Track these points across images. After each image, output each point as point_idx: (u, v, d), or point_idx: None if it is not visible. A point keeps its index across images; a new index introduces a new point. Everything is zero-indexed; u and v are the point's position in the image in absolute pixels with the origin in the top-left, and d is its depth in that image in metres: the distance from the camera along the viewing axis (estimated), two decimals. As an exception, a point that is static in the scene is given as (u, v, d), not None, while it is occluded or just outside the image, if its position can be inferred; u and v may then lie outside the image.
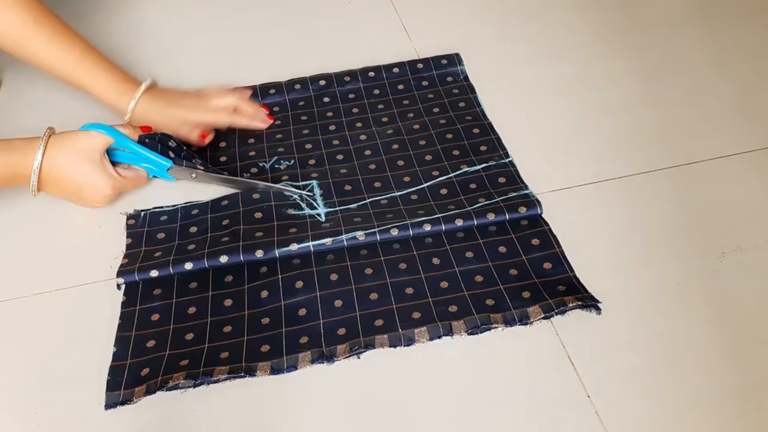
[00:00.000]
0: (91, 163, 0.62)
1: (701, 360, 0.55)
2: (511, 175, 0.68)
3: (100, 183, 0.63)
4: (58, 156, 0.61)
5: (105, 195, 0.65)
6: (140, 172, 0.67)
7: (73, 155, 0.62)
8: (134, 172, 0.67)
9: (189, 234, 0.65)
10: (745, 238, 0.62)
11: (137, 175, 0.67)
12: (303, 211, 0.66)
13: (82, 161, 0.62)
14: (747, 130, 0.72)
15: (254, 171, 0.71)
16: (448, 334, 0.56)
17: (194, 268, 0.61)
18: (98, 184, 0.63)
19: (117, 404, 0.53)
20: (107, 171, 0.64)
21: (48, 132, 0.62)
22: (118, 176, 0.65)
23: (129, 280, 0.61)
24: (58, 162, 0.61)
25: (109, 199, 0.66)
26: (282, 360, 0.55)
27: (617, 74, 0.80)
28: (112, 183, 0.64)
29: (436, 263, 0.61)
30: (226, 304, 0.59)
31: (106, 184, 0.64)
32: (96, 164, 0.63)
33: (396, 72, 0.81)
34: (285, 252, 0.61)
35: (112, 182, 0.64)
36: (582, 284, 0.59)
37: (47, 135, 0.62)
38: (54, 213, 0.69)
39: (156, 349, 0.57)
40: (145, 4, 0.94)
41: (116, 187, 0.65)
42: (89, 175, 0.63)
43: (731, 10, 0.87)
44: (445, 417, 0.52)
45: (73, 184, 0.63)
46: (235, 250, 0.61)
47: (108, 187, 0.64)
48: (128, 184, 0.66)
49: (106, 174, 0.64)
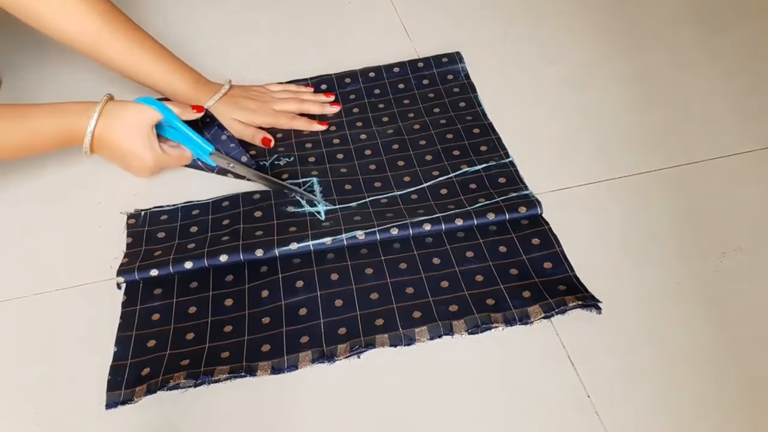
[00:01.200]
0: (138, 135, 0.64)
1: (701, 360, 0.55)
2: (512, 176, 0.68)
3: (144, 155, 0.65)
4: (110, 123, 0.63)
5: (147, 167, 0.66)
6: (185, 152, 0.68)
7: (123, 124, 0.64)
8: (178, 151, 0.68)
9: (189, 233, 0.65)
10: (745, 238, 0.62)
11: (181, 154, 0.68)
12: (303, 208, 0.66)
13: (131, 132, 0.64)
14: (747, 130, 0.72)
15: (254, 170, 0.72)
16: (449, 333, 0.56)
17: (194, 267, 0.61)
18: (142, 155, 0.65)
19: (117, 404, 0.53)
20: (152, 145, 0.65)
21: (105, 98, 0.64)
22: (161, 152, 0.66)
23: (129, 279, 0.61)
24: (110, 128, 0.63)
25: (150, 171, 0.68)
26: (282, 360, 0.55)
27: (617, 74, 0.80)
28: (154, 157, 0.66)
29: (437, 263, 0.61)
30: (226, 304, 0.59)
31: (149, 157, 0.65)
32: (143, 137, 0.64)
33: (396, 72, 0.81)
34: (285, 251, 0.61)
35: (155, 157, 0.66)
36: (582, 284, 0.59)
37: (104, 101, 0.64)
38: (54, 213, 0.69)
39: (156, 348, 0.57)
40: (145, 5, 0.94)
41: (158, 162, 0.67)
42: (135, 146, 0.64)
43: (731, 11, 0.87)
44: (445, 417, 0.52)
45: (120, 151, 0.65)
46: (235, 249, 0.62)
47: (150, 160, 0.66)
48: (171, 161, 0.68)
49: (151, 148, 0.65)
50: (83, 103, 0.64)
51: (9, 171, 0.74)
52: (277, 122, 0.76)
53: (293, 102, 0.77)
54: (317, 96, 0.79)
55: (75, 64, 0.83)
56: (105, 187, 0.71)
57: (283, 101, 0.77)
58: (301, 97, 0.78)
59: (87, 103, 0.64)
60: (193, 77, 0.73)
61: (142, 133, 0.64)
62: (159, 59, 0.71)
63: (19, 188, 0.72)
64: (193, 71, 0.74)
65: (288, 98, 0.77)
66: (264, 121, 0.75)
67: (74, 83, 0.82)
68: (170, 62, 0.72)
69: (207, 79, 0.75)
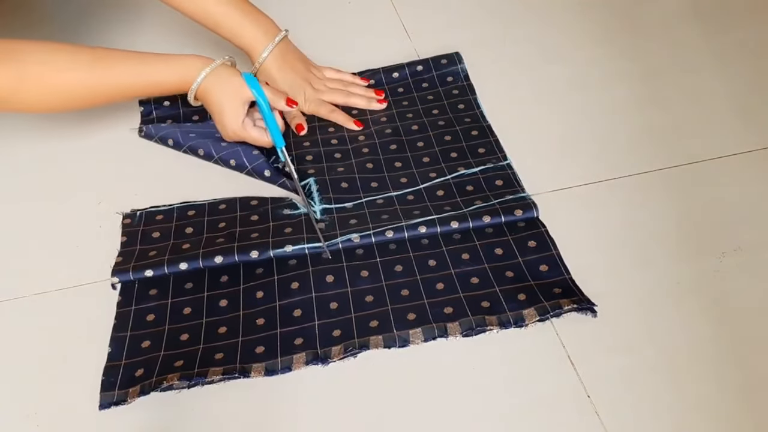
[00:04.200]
0: (232, 104, 0.69)
1: (701, 360, 0.54)
2: (509, 178, 0.68)
3: (230, 122, 0.69)
4: (215, 83, 0.68)
5: (232, 131, 0.70)
6: (265, 136, 0.70)
7: (223, 89, 0.69)
8: (260, 133, 0.71)
9: (184, 234, 0.65)
10: (745, 238, 0.62)
11: (260, 136, 0.71)
12: (299, 210, 0.66)
13: (227, 99, 0.69)
14: (747, 130, 0.72)
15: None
16: (443, 335, 0.56)
17: (189, 268, 0.61)
18: (228, 122, 0.70)
19: (111, 405, 0.53)
20: (238, 117, 0.69)
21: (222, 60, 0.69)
22: (244, 127, 0.70)
23: (123, 279, 0.61)
24: (213, 87, 0.69)
25: (232, 137, 0.71)
26: (276, 361, 0.55)
27: (617, 74, 0.80)
28: (237, 128, 0.70)
29: (432, 265, 0.61)
30: (221, 305, 0.59)
31: (233, 125, 0.70)
32: (235, 107, 0.69)
33: (395, 74, 0.81)
34: (280, 253, 0.61)
35: (238, 128, 0.70)
36: (578, 287, 0.59)
37: (220, 63, 0.69)
38: (54, 213, 0.69)
39: (151, 349, 0.57)
40: (144, 2, 0.94)
41: (239, 133, 0.70)
42: (227, 111, 0.69)
43: (731, 10, 0.87)
44: (445, 417, 0.52)
45: (215, 108, 0.70)
46: (230, 250, 0.61)
47: (236, 126, 0.70)
48: (251, 137, 0.71)
49: (236, 119, 0.69)
50: (201, 58, 0.69)
51: (9, 171, 0.74)
52: (318, 111, 0.77)
53: (341, 95, 0.77)
54: (367, 91, 0.79)
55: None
56: (105, 187, 0.71)
57: (332, 92, 0.77)
58: (351, 90, 0.78)
59: (204, 60, 0.69)
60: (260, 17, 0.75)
61: (235, 104, 0.69)
62: None
63: (19, 188, 0.72)
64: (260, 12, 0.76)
65: (337, 89, 0.78)
66: (307, 109, 0.76)
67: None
68: None
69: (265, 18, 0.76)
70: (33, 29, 0.92)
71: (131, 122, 0.77)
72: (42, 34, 0.90)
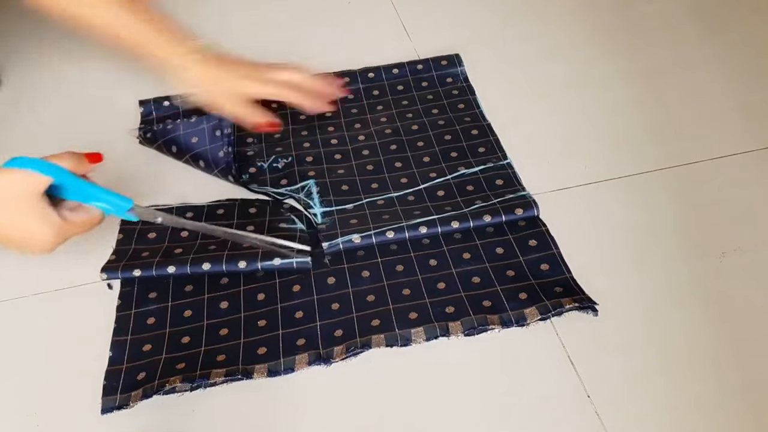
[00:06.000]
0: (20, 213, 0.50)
1: (701, 360, 0.54)
2: (509, 177, 0.68)
3: (39, 234, 0.51)
4: None
5: (48, 243, 0.52)
6: (93, 212, 0.55)
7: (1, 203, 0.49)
8: (85, 215, 0.54)
9: (179, 238, 0.65)
10: (745, 238, 0.62)
11: (89, 217, 0.54)
12: (295, 225, 0.65)
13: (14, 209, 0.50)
14: (747, 130, 0.72)
15: (253, 171, 0.71)
16: (445, 334, 0.56)
17: (176, 272, 0.60)
18: (36, 235, 0.51)
19: (113, 409, 0.53)
20: (47, 218, 0.51)
21: None
22: (61, 221, 0.52)
23: (112, 277, 0.61)
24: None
25: (53, 247, 0.53)
26: (279, 362, 0.55)
27: (617, 74, 0.80)
28: (54, 231, 0.51)
29: (433, 264, 0.61)
30: (222, 307, 0.59)
31: (46, 233, 0.51)
32: (29, 212, 0.50)
33: (395, 73, 0.81)
34: (267, 266, 0.60)
35: (54, 230, 0.52)
36: (579, 286, 0.59)
37: None
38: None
39: (152, 352, 0.56)
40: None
41: (60, 235, 0.52)
42: (22, 225, 0.50)
43: (731, 10, 0.87)
44: (445, 417, 0.52)
45: (7, 236, 0.51)
46: (218, 259, 0.60)
47: (49, 236, 0.51)
48: (76, 229, 0.54)
49: (46, 222, 0.51)
50: None
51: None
52: (269, 92, 0.66)
53: (290, 72, 0.66)
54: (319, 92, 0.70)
55: (78, 63, 0.83)
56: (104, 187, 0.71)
57: (278, 70, 0.66)
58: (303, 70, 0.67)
59: None
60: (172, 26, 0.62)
61: (28, 206, 0.50)
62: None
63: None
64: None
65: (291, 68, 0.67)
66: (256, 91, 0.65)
67: (76, 83, 0.82)
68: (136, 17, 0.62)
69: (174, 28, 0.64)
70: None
71: (131, 122, 0.77)
72: (41, 34, 0.90)
